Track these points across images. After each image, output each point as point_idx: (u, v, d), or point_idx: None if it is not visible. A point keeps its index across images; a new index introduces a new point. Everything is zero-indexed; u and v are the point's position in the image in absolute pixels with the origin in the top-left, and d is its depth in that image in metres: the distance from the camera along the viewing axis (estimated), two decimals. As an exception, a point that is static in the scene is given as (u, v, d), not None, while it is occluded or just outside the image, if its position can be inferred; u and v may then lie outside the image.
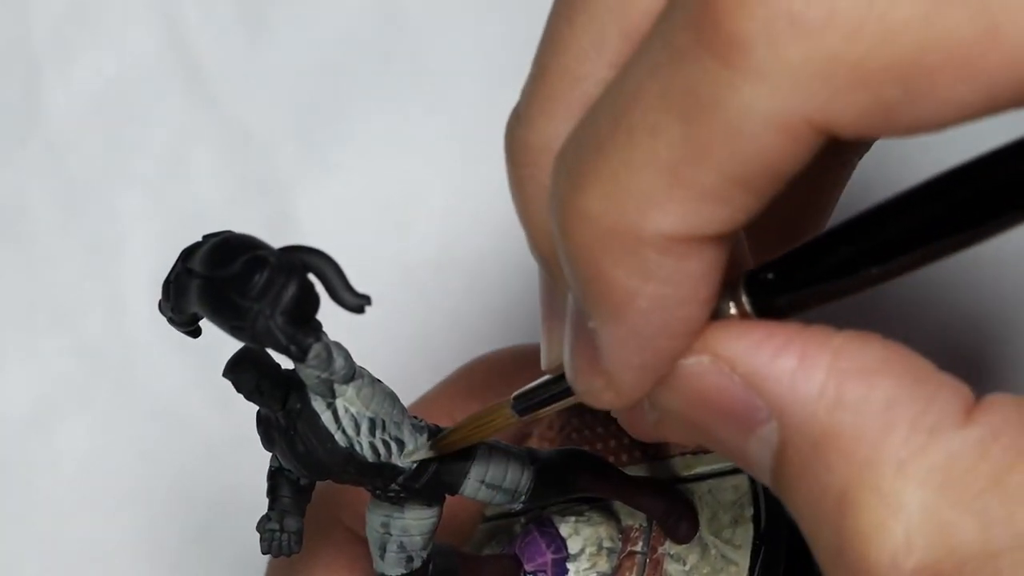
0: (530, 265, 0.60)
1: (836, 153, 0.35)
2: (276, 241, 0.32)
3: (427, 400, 0.46)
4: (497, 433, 0.35)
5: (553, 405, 0.33)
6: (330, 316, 0.32)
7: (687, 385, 0.28)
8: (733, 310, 0.28)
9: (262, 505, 0.37)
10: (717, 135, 0.25)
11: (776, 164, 0.25)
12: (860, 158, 0.35)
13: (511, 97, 0.33)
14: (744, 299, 0.28)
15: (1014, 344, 0.54)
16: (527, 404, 0.34)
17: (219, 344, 0.35)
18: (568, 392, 0.32)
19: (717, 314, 0.28)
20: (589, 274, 0.27)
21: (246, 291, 0.31)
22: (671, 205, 0.26)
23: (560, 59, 0.30)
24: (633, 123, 0.26)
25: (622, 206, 0.26)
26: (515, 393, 0.34)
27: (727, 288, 0.28)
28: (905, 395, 0.26)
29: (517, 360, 0.47)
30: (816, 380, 0.26)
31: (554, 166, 0.28)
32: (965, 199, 0.25)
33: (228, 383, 0.35)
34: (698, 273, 0.27)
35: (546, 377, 0.33)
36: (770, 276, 0.28)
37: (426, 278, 0.60)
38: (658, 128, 0.26)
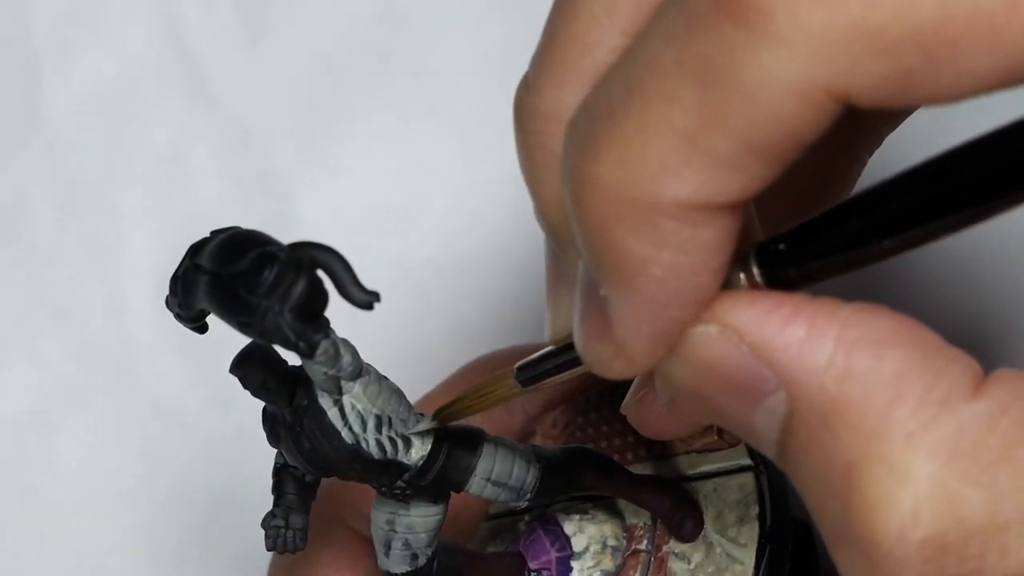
0: (530, 264, 0.60)
1: (847, 147, 0.35)
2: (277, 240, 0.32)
3: (429, 399, 0.46)
4: (500, 403, 0.35)
5: (557, 375, 0.33)
6: (328, 315, 0.32)
7: (694, 355, 0.28)
8: (743, 281, 0.28)
9: (263, 504, 0.37)
10: (735, 102, 0.25)
11: (793, 132, 0.25)
12: (870, 155, 0.35)
13: (511, 97, 0.33)
14: (755, 270, 0.28)
15: (1013, 342, 0.54)
16: (531, 374, 0.33)
17: (220, 343, 0.35)
18: (573, 362, 0.32)
19: (728, 284, 0.28)
20: (602, 243, 0.27)
21: (255, 287, 0.31)
22: (687, 172, 0.26)
23: (571, 26, 0.30)
24: (648, 90, 0.26)
25: (637, 174, 0.26)
26: (519, 364, 0.34)
27: (738, 259, 0.28)
28: (914, 367, 0.26)
29: (518, 359, 0.47)
30: (825, 350, 0.26)
31: (565, 134, 0.28)
32: (978, 173, 0.25)
33: (228, 382, 0.35)
34: (712, 242, 0.27)
35: (550, 347, 0.33)
36: (781, 247, 0.28)
37: (426, 278, 0.60)
38: (674, 95, 0.25)
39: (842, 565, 0.27)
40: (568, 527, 0.41)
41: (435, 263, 0.60)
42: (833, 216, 0.27)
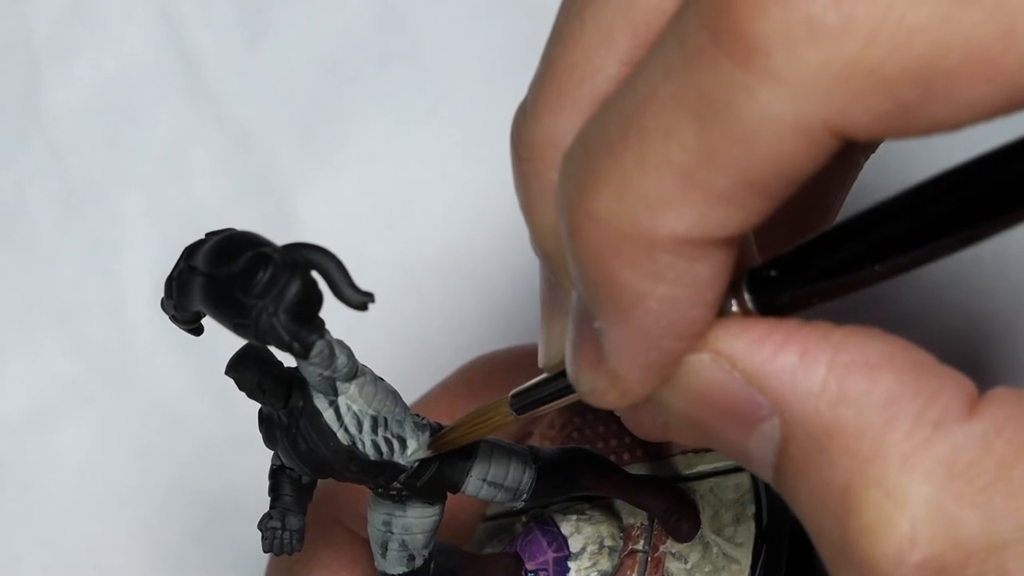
0: (530, 266, 0.60)
1: (843, 154, 0.35)
2: (276, 241, 0.32)
3: (427, 400, 0.46)
4: (495, 431, 0.35)
5: (551, 403, 0.33)
6: (329, 316, 0.32)
7: (688, 383, 0.28)
8: (735, 307, 0.28)
9: (262, 505, 0.37)
10: (733, 138, 0.25)
11: (791, 168, 0.25)
12: (866, 159, 0.35)
13: (511, 98, 0.33)
14: (746, 297, 0.28)
15: (1014, 345, 0.54)
16: (525, 402, 0.33)
17: (219, 344, 0.35)
18: (567, 390, 0.32)
19: (719, 312, 0.28)
20: (598, 276, 0.27)
21: (249, 288, 0.31)
22: (684, 208, 0.26)
23: (569, 55, 0.30)
24: (646, 124, 0.26)
25: (634, 208, 0.26)
26: (513, 391, 0.34)
27: (730, 286, 0.28)
28: (908, 389, 0.26)
29: (517, 360, 0.47)
30: (818, 375, 0.26)
31: (562, 167, 0.28)
32: (968, 197, 0.25)
33: (228, 382, 0.35)
34: (708, 275, 0.27)
35: (544, 375, 0.33)
36: (772, 273, 0.28)
37: (425, 278, 0.60)
38: (672, 130, 0.25)
39: None
40: (565, 527, 0.41)
41: (435, 263, 0.60)
42: (824, 241, 0.27)
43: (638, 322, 0.27)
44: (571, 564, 0.41)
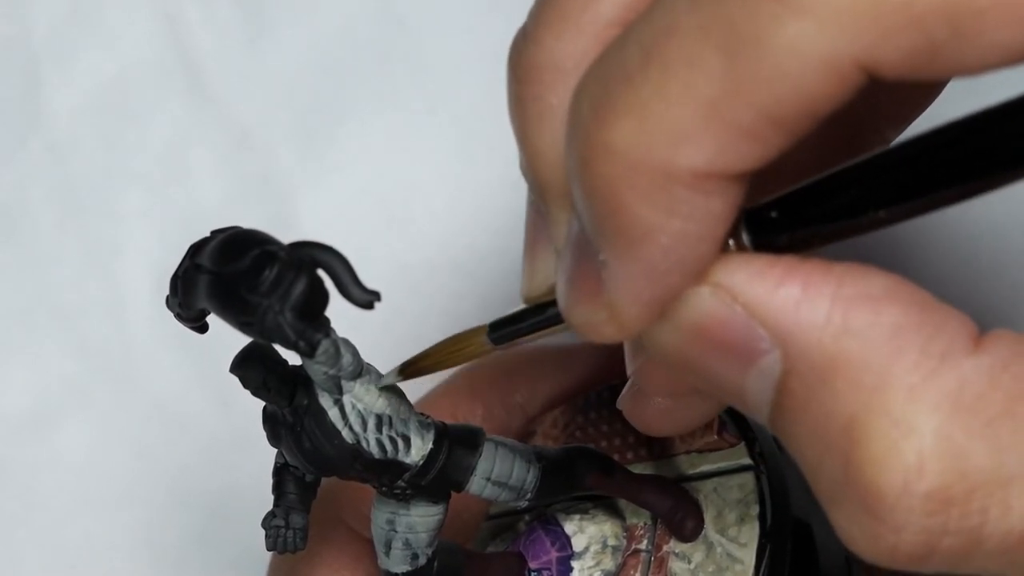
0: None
1: (874, 124, 0.34)
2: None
3: (430, 399, 0.46)
4: (469, 360, 0.34)
5: (532, 335, 0.32)
6: (329, 314, 0.32)
7: (686, 318, 0.27)
8: (732, 245, 0.28)
9: (263, 504, 0.37)
10: (760, 72, 0.25)
11: (817, 103, 0.25)
12: (898, 133, 0.35)
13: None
14: (744, 236, 0.28)
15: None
16: (504, 332, 0.33)
17: (220, 343, 0.35)
18: (549, 322, 0.31)
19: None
20: (609, 208, 0.26)
21: (255, 287, 0.31)
22: (706, 141, 0.25)
23: None
24: (669, 55, 0.25)
25: (653, 140, 0.26)
26: (493, 321, 0.33)
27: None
28: (913, 322, 0.26)
29: (518, 358, 0.47)
30: (822, 308, 0.26)
31: (575, 96, 0.27)
32: (977, 147, 0.25)
33: (228, 382, 0.35)
34: (721, 211, 0.26)
35: (525, 306, 0.33)
36: (773, 215, 0.27)
37: (426, 278, 0.60)
38: (697, 62, 0.25)
39: (841, 523, 0.27)
40: (568, 527, 0.41)
41: (435, 263, 0.60)
42: (827, 184, 0.27)
43: (647, 256, 0.27)
44: (574, 563, 0.41)
